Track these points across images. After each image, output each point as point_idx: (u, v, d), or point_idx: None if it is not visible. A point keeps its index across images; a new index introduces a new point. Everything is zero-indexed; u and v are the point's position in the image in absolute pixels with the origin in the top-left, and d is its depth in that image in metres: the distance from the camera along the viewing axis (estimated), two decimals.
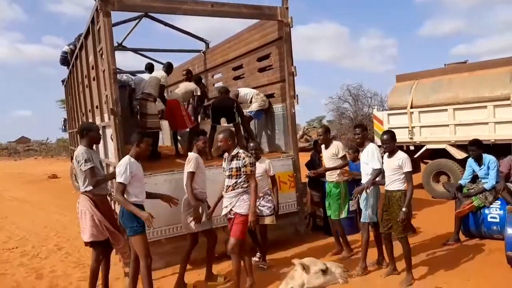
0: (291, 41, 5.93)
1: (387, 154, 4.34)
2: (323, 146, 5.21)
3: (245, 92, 6.82)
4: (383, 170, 4.40)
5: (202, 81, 8.00)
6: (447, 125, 8.16)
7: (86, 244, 4.02)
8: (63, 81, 12.14)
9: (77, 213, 4.01)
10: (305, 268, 2.47)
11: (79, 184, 4.12)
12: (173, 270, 4.96)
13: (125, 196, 3.75)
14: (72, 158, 12.57)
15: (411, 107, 8.83)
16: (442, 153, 8.37)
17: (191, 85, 7.14)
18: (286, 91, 5.99)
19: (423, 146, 8.61)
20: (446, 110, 8.10)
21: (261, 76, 6.89)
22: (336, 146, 5.07)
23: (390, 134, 4.33)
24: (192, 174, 4.36)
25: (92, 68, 6.15)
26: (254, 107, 6.67)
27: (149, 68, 7.10)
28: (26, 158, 32.33)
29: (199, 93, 7.13)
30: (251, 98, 6.72)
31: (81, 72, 7.55)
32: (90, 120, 6.97)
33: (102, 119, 5.80)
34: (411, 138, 8.82)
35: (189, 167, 4.38)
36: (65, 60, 10.09)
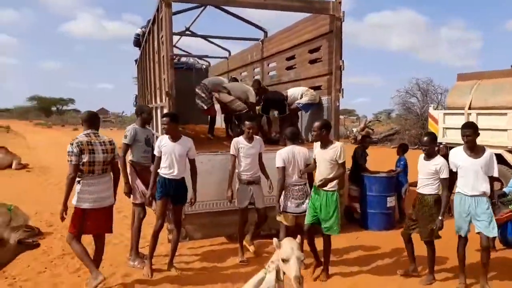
0: (341, 35, 5.97)
1: (424, 156, 4.25)
2: (318, 145, 4.29)
3: (292, 92, 6.90)
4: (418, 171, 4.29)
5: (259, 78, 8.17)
6: (505, 130, 7.68)
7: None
8: (135, 61, 13.09)
9: None
10: (277, 246, 2.60)
11: None
12: (210, 241, 5.41)
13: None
14: None
15: (469, 108, 8.40)
16: (498, 159, 7.91)
17: (246, 87, 7.17)
18: (332, 85, 6.08)
19: None
20: (505, 114, 7.62)
21: (311, 68, 7.01)
22: (338, 149, 4.15)
23: (431, 136, 4.27)
24: (232, 157, 4.76)
25: (156, 53, 6.68)
26: (303, 100, 6.75)
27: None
28: (103, 128, 34.93)
29: (251, 100, 6.94)
30: (301, 95, 6.77)
31: (148, 55, 8.18)
32: (153, 100, 7.59)
33: (161, 100, 6.33)
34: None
35: (230, 150, 4.79)
36: (138, 41, 10.87)
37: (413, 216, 4.32)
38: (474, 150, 3.94)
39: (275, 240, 2.67)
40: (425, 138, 4.20)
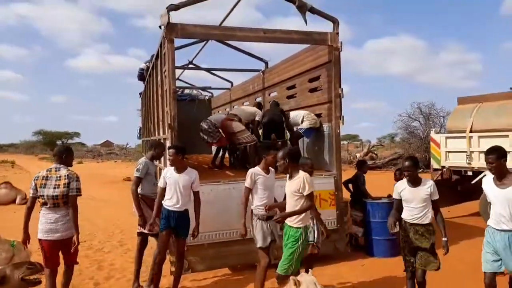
0: (340, 64, 6.10)
1: (409, 183, 3.94)
2: (287, 176, 4.01)
3: (295, 114, 7.05)
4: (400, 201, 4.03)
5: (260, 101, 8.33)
6: (508, 152, 7.67)
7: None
8: (140, 94, 13.36)
9: None
10: (296, 284, 2.55)
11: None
12: (214, 273, 5.34)
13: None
14: None
15: (471, 131, 8.43)
16: None
17: (253, 108, 7.44)
18: (332, 112, 6.16)
19: (481, 172, 8.16)
20: (507, 136, 7.63)
21: (311, 96, 7.11)
22: (302, 180, 3.79)
23: (413, 160, 3.95)
24: (247, 190, 4.38)
25: (159, 86, 6.83)
26: (305, 125, 6.85)
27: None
28: (107, 161, 35.28)
29: (257, 118, 7.24)
30: (302, 118, 6.90)
31: (152, 89, 8.35)
32: (156, 132, 7.69)
33: (164, 132, 6.40)
34: (469, 163, 8.40)
35: (246, 182, 4.41)
36: (142, 75, 11.16)
37: (412, 251, 4.00)
38: (502, 178, 3.48)
39: (292, 278, 2.63)
40: (407, 163, 3.88)
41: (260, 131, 7.37)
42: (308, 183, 3.77)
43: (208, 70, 12.30)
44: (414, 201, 3.93)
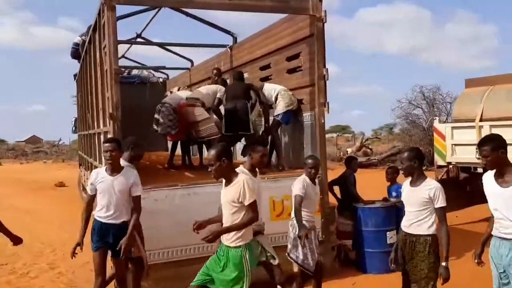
0: (324, 39, 6.20)
1: (408, 180, 4.04)
2: (223, 182, 3.84)
3: (269, 87, 7.03)
4: (402, 203, 4.20)
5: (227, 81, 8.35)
6: None
7: None
8: (75, 76, 13.11)
9: None
10: None
11: None
12: None
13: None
14: (80, 165, 13.54)
15: (481, 120, 8.72)
16: None
17: (214, 87, 7.42)
18: (316, 98, 6.26)
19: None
20: None
21: (290, 78, 7.20)
22: (242, 185, 3.64)
23: (413, 151, 4.04)
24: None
25: (98, 66, 6.73)
26: (280, 107, 6.80)
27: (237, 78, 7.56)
28: (34, 162, 34.40)
29: (219, 95, 7.22)
30: (276, 96, 6.86)
31: (89, 69, 8.22)
32: (95, 123, 7.60)
33: (105, 124, 6.34)
34: (479, 158, 8.70)
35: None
36: (76, 52, 10.96)
37: (407, 267, 4.06)
38: (504, 174, 3.44)
39: None
40: (405, 155, 4.00)
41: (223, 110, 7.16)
42: (250, 190, 3.62)
43: (162, 45, 12.22)
44: (410, 204, 4.01)
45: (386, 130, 43.60)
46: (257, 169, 4.58)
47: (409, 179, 4.07)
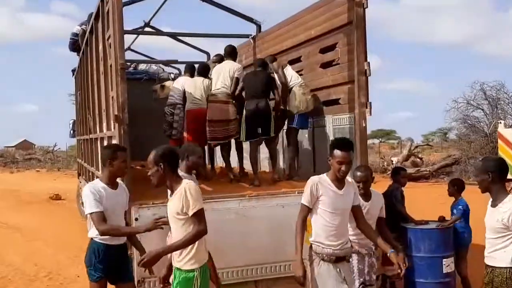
0: (365, 27, 6.18)
1: (490, 201, 3.95)
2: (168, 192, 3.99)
3: (290, 74, 7.33)
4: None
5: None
6: None
7: None
8: (73, 71, 13.36)
9: None
10: None
11: None
12: None
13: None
14: (79, 174, 13.71)
15: None
16: None
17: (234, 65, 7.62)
18: (355, 97, 6.23)
19: None
20: None
21: (324, 74, 7.22)
22: (183, 193, 3.71)
23: (490, 162, 4.02)
24: (305, 209, 4.22)
25: (101, 60, 6.85)
26: (292, 108, 7.14)
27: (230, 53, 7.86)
28: (26, 170, 34.98)
29: (237, 75, 7.40)
30: (291, 89, 7.17)
31: (90, 63, 8.37)
32: (97, 127, 7.71)
33: (108, 128, 6.43)
34: None
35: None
36: (75, 44, 11.17)
37: None
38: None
39: None
40: (479, 165, 4.12)
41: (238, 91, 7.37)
42: (193, 197, 3.65)
43: (173, 35, 12.35)
44: (487, 228, 3.92)
45: (439, 136, 43.14)
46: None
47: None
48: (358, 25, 6.13)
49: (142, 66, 14.09)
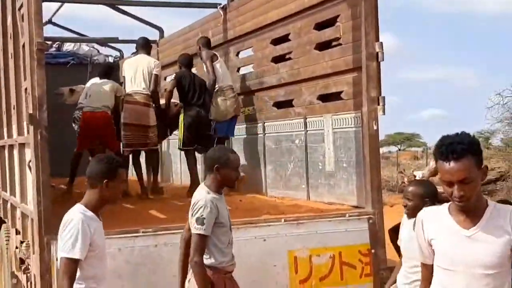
0: None
1: None
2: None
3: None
4: None
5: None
6: None
7: None
8: None
9: None
10: None
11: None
12: None
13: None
14: None
15: None
16: None
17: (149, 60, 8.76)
18: (363, 90, 6.27)
19: None
20: None
21: (321, 58, 7.25)
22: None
23: None
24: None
25: (10, 38, 6.79)
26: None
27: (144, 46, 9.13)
28: None
29: (156, 71, 8.71)
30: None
31: None
32: (4, 130, 7.64)
33: (20, 132, 6.37)
34: None
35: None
36: None
37: None
38: None
39: None
40: None
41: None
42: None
43: (114, 4, 12.24)
44: None
45: (482, 139, 43.46)
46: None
47: None
48: None
49: (68, 46, 14.03)
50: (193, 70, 9.45)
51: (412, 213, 5.05)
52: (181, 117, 8.71)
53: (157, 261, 5.39)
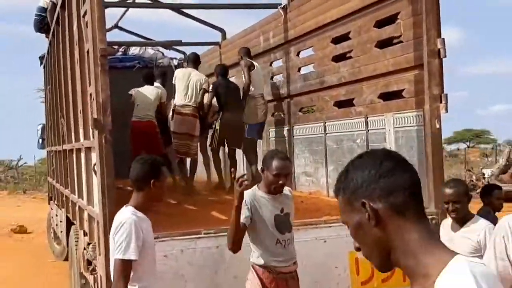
0: None
1: None
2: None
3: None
4: None
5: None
6: None
7: None
8: (41, 59, 13.54)
9: None
10: None
11: None
12: None
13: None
14: (50, 198, 13.81)
15: None
16: None
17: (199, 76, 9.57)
18: (425, 88, 6.20)
19: None
20: None
21: (382, 56, 7.19)
22: None
23: None
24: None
25: (76, 44, 6.94)
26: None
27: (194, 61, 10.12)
28: None
29: (205, 86, 9.62)
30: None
31: (62, 49, 8.49)
32: (72, 135, 7.82)
33: (86, 136, 6.51)
34: None
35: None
36: (42, 23, 11.31)
37: None
38: None
39: None
40: None
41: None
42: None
43: (177, 7, 12.41)
44: None
45: None
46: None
47: None
48: None
49: (134, 50, 14.22)
50: (233, 78, 10.58)
51: (463, 215, 4.97)
52: (218, 119, 9.70)
53: (218, 262, 5.44)
